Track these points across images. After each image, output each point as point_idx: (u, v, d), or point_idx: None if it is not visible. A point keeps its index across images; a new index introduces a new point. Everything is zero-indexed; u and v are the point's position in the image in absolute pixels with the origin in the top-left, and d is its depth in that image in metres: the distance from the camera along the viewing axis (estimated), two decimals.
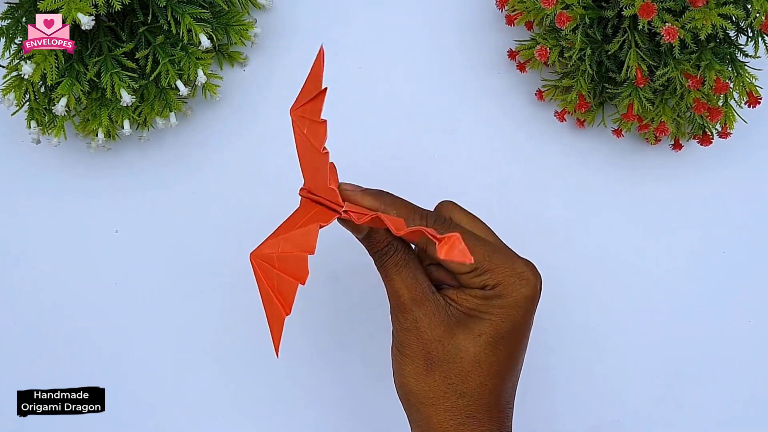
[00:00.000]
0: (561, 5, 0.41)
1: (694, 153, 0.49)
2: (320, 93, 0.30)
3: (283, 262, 0.29)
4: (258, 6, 0.50)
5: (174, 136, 0.49)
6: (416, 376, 0.31)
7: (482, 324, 0.31)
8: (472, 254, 0.30)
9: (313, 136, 0.30)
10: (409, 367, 0.31)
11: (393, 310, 0.32)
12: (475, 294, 0.31)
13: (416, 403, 0.31)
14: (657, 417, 0.46)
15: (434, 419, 0.31)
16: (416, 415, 0.32)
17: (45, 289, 0.48)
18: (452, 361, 0.31)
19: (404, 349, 0.31)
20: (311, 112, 0.30)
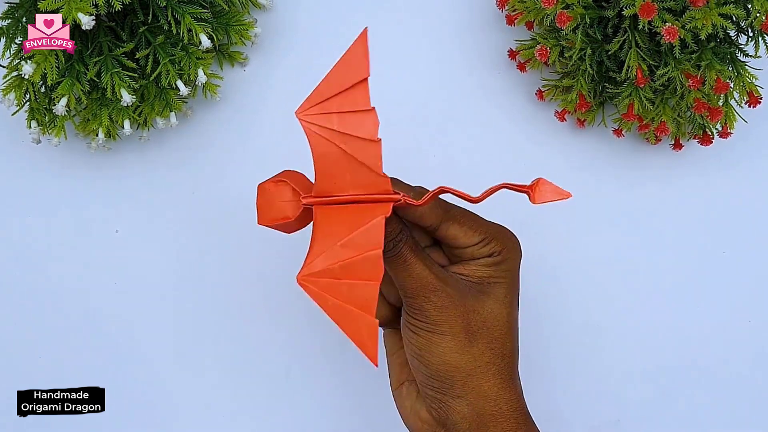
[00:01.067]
0: (561, 5, 0.41)
1: (695, 153, 0.49)
2: (364, 79, 0.28)
3: (350, 269, 0.28)
4: (258, 6, 0.50)
5: (174, 136, 0.49)
6: (460, 350, 0.32)
7: (499, 288, 0.33)
8: (479, 227, 0.33)
9: (354, 128, 0.29)
10: (451, 343, 0.32)
11: (419, 294, 0.32)
12: (484, 263, 0.33)
13: (462, 377, 0.32)
14: (657, 417, 0.46)
15: (485, 386, 0.32)
16: (463, 388, 0.32)
17: (45, 289, 0.48)
18: (491, 327, 0.32)
19: (441, 327, 0.32)
20: (351, 102, 0.29)
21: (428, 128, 0.49)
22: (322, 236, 0.29)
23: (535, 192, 0.29)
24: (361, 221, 0.29)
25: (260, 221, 0.32)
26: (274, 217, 0.31)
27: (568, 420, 0.46)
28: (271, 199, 0.31)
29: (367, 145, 0.29)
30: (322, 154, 0.30)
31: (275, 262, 0.47)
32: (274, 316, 0.47)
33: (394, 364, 0.36)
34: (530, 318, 0.47)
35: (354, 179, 0.29)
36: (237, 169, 0.49)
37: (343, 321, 0.28)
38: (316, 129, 0.30)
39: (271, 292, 0.47)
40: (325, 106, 0.29)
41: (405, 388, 0.35)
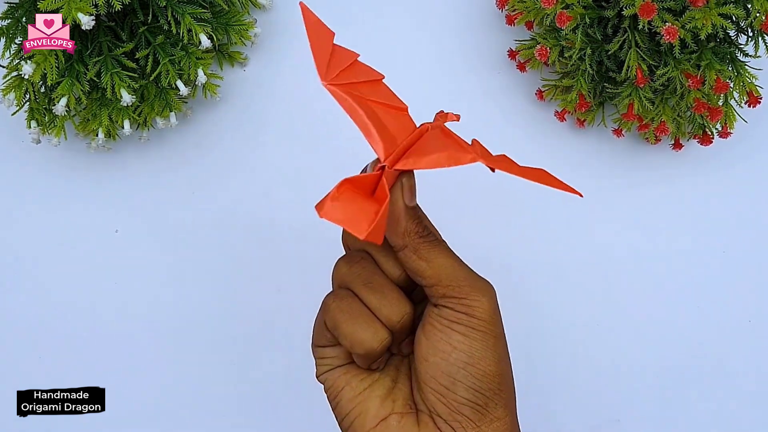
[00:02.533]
0: (561, 5, 0.41)
1: (694, 153, 0.49)
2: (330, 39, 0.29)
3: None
4: (258, 6, 0.50)
5: (174, 136, 0.49)
6: (507, 358, 0.28)
7: None
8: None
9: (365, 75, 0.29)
10: (502, 348, 0.28)
11: (473, 284, 0.28)
12: None
13: (507, 392, 0.28)
14: (657, 417, 0.46)
15: (512, 401, 0.29)
16: (504, 410, 0.28)
17: (45, 289, 0.48)
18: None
19: (495, 327, 0.27)
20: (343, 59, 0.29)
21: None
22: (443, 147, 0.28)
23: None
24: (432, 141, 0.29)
25: (363, 234, 0.24)
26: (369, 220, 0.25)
27: (568, 420, 0.46)
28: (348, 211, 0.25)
29: (378, 87, 0.29)
30: (366, 111, 0.28)
31: (275, 262, 0.47)
32: (274, 316, 0.47)
33: (371, 398, 0.29)
34: (530, 318, 0.47)
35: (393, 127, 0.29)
36: (237, 169, 0.49)
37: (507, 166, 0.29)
38: (346, 88, 0.28)
39: (271, 291, 0.47)
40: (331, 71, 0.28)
41: (394, 422, 0.28)
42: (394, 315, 0.28)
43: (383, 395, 0.29)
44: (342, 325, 0.28)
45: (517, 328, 0.47)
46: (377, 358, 0.28)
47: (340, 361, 0.31)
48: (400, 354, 0.31)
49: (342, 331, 0.28)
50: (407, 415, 0.29)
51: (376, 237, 0.25)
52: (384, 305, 0.28)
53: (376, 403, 0.29)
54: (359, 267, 0.29)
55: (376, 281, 0.28)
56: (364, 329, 0.28)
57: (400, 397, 0.29)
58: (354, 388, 0.30)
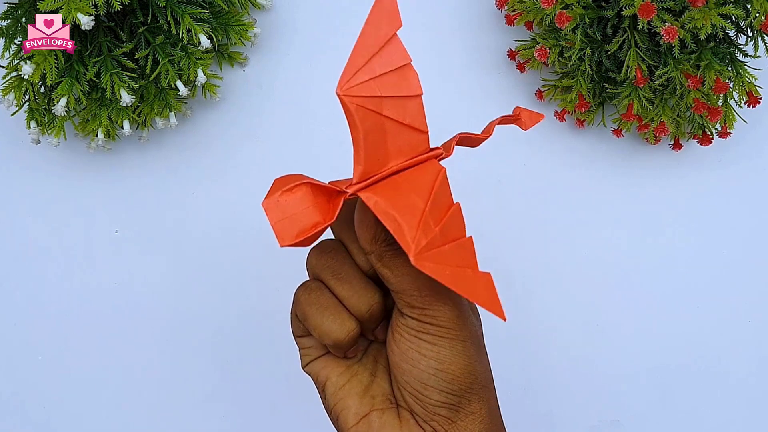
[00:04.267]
0: (560, 5, 0.41)
1: (694, 153, 0.49)
2: (395, 35, 0.27)
3: (445, 231, 0.26)
4: (258, 6, 0.50)
5: (174, 137, 0.49)
6: (479, 359, 0.28)
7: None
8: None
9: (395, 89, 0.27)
10: (471, 350, 0.28)
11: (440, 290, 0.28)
12: None
13: (479, 389, 0.28)
14: (657, 417, 0.46)
15: (492, 400, 0.29)
16: (479, 403, 0.28)
17: (45, 289, 0.48)
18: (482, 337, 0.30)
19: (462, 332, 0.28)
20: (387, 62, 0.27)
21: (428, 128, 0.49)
22: (402, 212, 0.25)
23: (522, 120, 0.30)
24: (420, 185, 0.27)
25: (285, 242, 0.26)
26: (301, 229, 0.26)
27: (568, 420, 0.46)
28: (289, 212, 0.27)
29: (408, 103, 0.27)
30: (368, 130, 0.26)
31: (275, 263, 0.47)
32: (273, 317, 0.47)
33: (349, 395, 0.30)
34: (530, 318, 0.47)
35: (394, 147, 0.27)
36: (237, 170, 0.49)
37: (462, 287, 0.25)
38: (361, 101, 0.26)
39: (270, 292, 0.47)
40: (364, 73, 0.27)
41: (375, 419, 0.29)
42: (362, 305, 0.29)
43: (362, 391, 0.30)
44: (310, 317, 0.29)
45: (516, 328, 0.47)
46: (347, 348, 0.29)
47: (319, 351, 0.31)
48: (377, 340, 0.31)
49: (310, 322, 0.29)
50: (387, 410, 0.29)
51: (303, 244, 0.26)
52: (352, 296, 0.28)
53: (356, 400, 0.30)
54: (329, 258, 0.29)
55: (345, 272, 0.29)
56: (330, 321, 0.28)
57: (379, 393, 0.30)
58: (334, 384, 0.30)
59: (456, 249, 0.25)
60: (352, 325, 0.28)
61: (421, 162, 0.28)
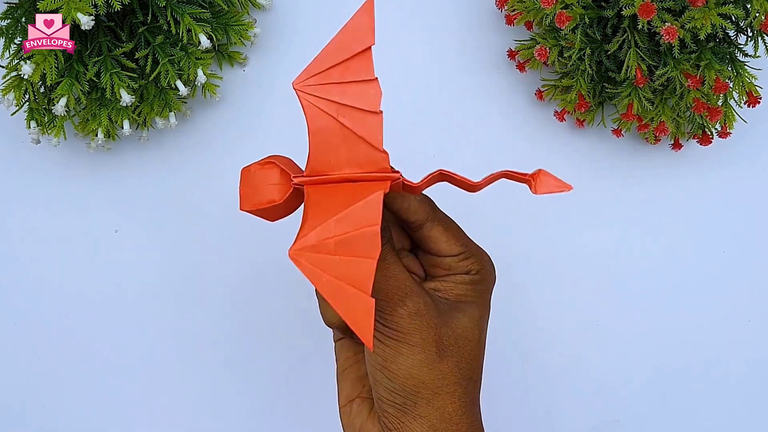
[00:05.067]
0: (560, 5, 0.41)
1: (694, 153, 0.49)
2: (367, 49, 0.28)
3: (345, 244, 0.26)
4: (258, 6, 0.50)
5: (174, 137, 0.49)
6: (429, 364, 0.29)
7: (474, 308, 0.31)
8: (461, 239, 0.32)
9: (356, 99, 0.27)
10: (420, 356, 0.29)
11: (393, 297, 0.30)
12: (462, 280, 0.32)
13: (427, 395, 0.29)
14: (657, 417, 0.46)
15: (449, 408, 0.30)
16: (426, 407, 0.30)
17: (45, 289, 0.48)
18: (462, 346, 0.30)
19: (411, 337, 0.29)
20: (354, 73, 0.28)
21: (427, 128, 0.49)
22: (315, 213, 0.27)
23: (536, 182, 0.28)
24: (358, 198, 0.27)
25: (243, 207, 0.30)
26: (258, 201, 0.29)
27: (568, 420, 0.46)
28: (256, 183, 0.30)
29: (367, 118, 0.27)
30: (318, 129, 0.28)
31: (275, 262, 0.47)
32: (274, 316, 0.47)
33: (346, 379, 0.33)
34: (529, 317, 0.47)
35: (350, 156, 0.28)
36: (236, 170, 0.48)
37: (336, 299, 0.26)
38: (314, 101, 0.28)
39: (271, 291, 0.47)
40: (324, 77, 0.28)
41: (356, 405, 0.32)
42: None
43: (356, 379, 0.33)
44: (319, 301, 0.32)
45: (516, 328, 0.47)
46: (342, 332, 0.32)
47: (339, 335, 0.35)
48: None
49: (319, 306, 0.32)
50: (366, 400, 0.32)
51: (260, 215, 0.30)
52: None
53: (349, 385, 0.33)
54: None
55: None
56: (326, 306, 0.31)
57: (368, 383, 0.32)
58: (340, 366, 0.34)
59: (348, 264, 0.26)
60: None
61: (373, 180, 0.28)
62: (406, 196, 0.31)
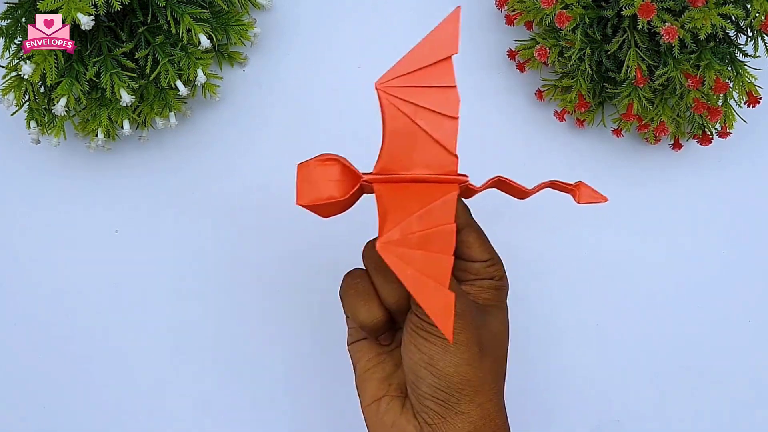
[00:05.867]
0: (560, 5, 0.41)
1: (694, 153, 0.49)
2: (449, 56, 0.29)
3: (426, 240, 0.28)
4: (258, 6, 0.50)
5: (174, 137, 0.49)
6: (473, 363, 0.30)
7: (500, 311, 0.33)
8: (488, 247, 0.33)
9: (435, 103, 0.29)
10: (466, 354, 0.30)
11: None
12: (488, 285, 0.33)
13: (471, 393, 0.30)
14: (657, 417, 0.46)
15: (488, 405, 0.31)
16: (469, 404, 0.31)
17: (44, 289, 0.48)
18: (496, 346, 0.32)
19: (458, 336, 0.30)
20: (436, 78, 0.29)
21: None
22: (395, 209, 0.28)
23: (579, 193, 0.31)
24: (429, 198, 0.29)
25: (300, 201, 0.30)
26: (317, 197, 0.30)
27: (568, 420, 0.46)
28: (314, 179, 0.30)
29: (444, 122, 0.29)
30: (395, 129, 0.29)
31: (275, 263, 0.47)
32: (274, 316, 0.47)
33: (371, 379, 0.34)
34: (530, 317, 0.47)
35: (422, 157, 0.29)
36: (236, 170, 0.49)
37: (419, 292, 0.27)
38: (394, 101, 0.29)
39: (271, 292, 0.47)
40: (406, 80, 0.29)
41: (384, 404, 0.33)
42: (391, 296, 0.32)
43: (382, 378, 0.33)
44: (346, 300, 0.33)
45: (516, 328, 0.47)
46: (373, 333, 0.33)
47: (359, 335, 0.35)
48: None
49: (346, 305, 0.33)
50: (396, 398, 0.33)
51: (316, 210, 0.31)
52: (384, 286, 0.32)
53: (374, 384, 0.33)
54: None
55: (384, 265, 0.31)
56: (361, 305, 0.32)
57: (396, 382, 0.33)
58: (362, 367, 0.34)
59: (429, 259, 0.27)
60: (379, 314, 0.32)
61: (444, 181, 0.29)
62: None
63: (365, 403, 0.33)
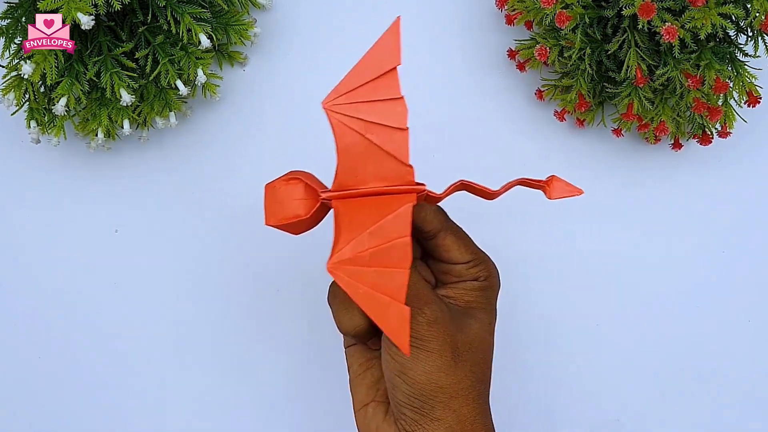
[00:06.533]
0: (560, 5, 0.41)
1: (694, 152, 0.49)
2: (394, 68, 0.29)
3: (379, 256, 0.28)
4: (258, 6, 0.50)
5: (174, 136, 0.49)
6: (446, 370, 0.31)
7: (485, 314, 0.33)
8: (470, 247, 0.32)
9: (383, 117, 0.29)
10: (438, 361, 0.31)
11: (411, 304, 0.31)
12: (471, 287, 0.33)
13: (445, 399, 0.31)
14: (657, 416, 0.46)
15: (464, 410, 0.31)
16: (444, 411, 0.31)
17: (44, 289, 0.48)
18: (475, 351, 0.32)
19: (429, 343, 0.31)
20: (382, 91, 0.29)
21: (427, 128, 0.49)
22: (348, 226, 0.29)
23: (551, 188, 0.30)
24: (386, 211, 0.29)
25: (268, 221, 0.31)
26: (284, 216, 0.31)
27: (568, 420, 0.46)
28: (280, 198, 0.31)
29: (394, 134, 0.29)
30: (346, 146, 0.29)
31: (275, 263, 0.47)
32: (274, 316, 0.47)
33: (360, 384, 0.34)
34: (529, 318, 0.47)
35: (377, 171, 0.29)
36: (237, 170, 0.49)
37: (373, 309, 0.27)
38: (343, 119, 0.29)
39: (271, 291, 0.47)
40: (353, 96, 0.29)
41: (371, 409, 0.33)
42: None
43: (371, 384, 0.34)
44: (332, 307, 0.33)
45: (516, 328, 0.47)
46: (359, 338, 0.33)
47: (351, 340, 0.35)
48: None
49: (332, 312, 0.33)
50: (382, 404, 0.33)
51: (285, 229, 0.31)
52: None
53: (364, 390, 0.34)
54: None
55: None
56: (343, 313, 0.32)
57: (382, 387, 0.34)
58: (354, 372, 0.35)
59: (383, 275, 0.27)
60: (360, 321, 0.32)
61: (399, 192, 0.29)
62: (422, 207, 0.32)
63: (356, 407, 0.34)
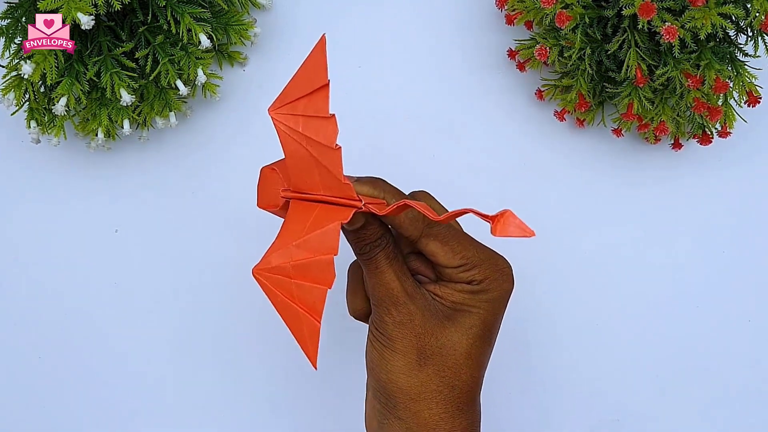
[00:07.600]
0: (561, 4, 0.41)
1: (694, 152, 0.49)
2: (324, 86, 0.28)
3: (302, 269, 0.28)
4: (258, 6, 0.50)
5: (174, 136, 0.49)
6: (408, 372, 0.31)
7: (471, 317, 0.32)
8: (463, 251, 0.32)
9: (316, 133, 0.29)
10: (400, 363, 0.31)
11: (382, 304, 0.31)
12: (461, 288, 0.32)
13: (405, 400, 0.31)
14: (657, 416, 0.46)
15: (425, 414, 0.31)
16: (405, 411, 0.31)
17: (44, 289, 0.48)
18: (446, 355, 0.31)
19: (395, 344, 0.31)
20: (313, 108, 0.28)
21: (428, 128, 0.49)
22: (285, 232, 0.29)
23: (498, 224, 0.26)
24: (331, 218, 0.29)
25: (258, 204, 0.32)
26: (268, 202, 0.32)
27: (568, 420, 0.46)
28: (268, 185, 0.32)
29: (328, 151, 0.28)
30: (291, 153, 0.30)
31: None
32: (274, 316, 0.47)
33: None
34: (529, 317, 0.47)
35: (322, 180, 0.29)
36: (236, 169, 0.49)
37: (288, 318, 0.28)
38: (285, 128, 0.29)
39: None
40: (291, 108, 0.29)
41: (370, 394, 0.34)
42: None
43: None
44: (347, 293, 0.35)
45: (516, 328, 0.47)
46: (362, 320, 0.34)
47: None
48: None
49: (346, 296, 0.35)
50: None
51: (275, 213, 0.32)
52: (367, 280, 0.32)
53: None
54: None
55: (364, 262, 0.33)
56: (349, 295, 0.34)
57: None
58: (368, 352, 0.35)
59: (303, 289, 0.28)
60: (360, 305, 0.34)
61: (341, 204, 0.29)
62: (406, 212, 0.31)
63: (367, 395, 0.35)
